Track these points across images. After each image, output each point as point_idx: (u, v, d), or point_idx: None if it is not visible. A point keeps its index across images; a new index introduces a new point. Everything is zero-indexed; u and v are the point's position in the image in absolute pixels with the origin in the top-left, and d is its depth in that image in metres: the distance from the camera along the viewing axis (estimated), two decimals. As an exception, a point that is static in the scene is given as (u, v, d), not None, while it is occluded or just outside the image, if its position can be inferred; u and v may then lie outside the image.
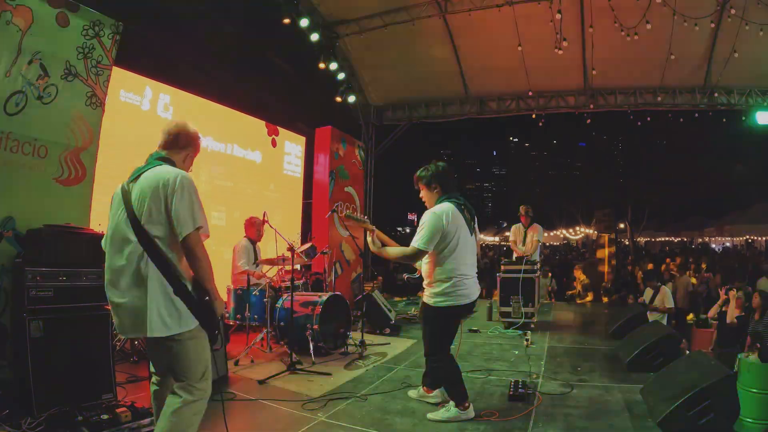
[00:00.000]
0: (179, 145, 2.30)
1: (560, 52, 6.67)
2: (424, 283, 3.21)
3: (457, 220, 3.08)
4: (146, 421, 2.77)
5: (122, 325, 2.12)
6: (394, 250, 3.18)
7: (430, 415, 3.19)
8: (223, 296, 5.04)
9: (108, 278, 2.13)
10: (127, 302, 2.06)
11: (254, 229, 5.30)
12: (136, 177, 2.16)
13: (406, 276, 8.73)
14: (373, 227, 3.21)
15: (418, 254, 3.05)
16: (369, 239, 3.18)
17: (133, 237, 2.07)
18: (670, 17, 6.39)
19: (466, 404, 3.12)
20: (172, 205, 2.05)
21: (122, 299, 2.08)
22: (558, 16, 6.34)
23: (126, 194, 2.14)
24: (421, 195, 3.32)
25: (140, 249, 2.05)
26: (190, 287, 2.09)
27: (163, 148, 2.29)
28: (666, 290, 6.43)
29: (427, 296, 3.16)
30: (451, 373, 3.16)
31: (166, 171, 2.13)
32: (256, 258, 5.22)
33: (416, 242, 3.03)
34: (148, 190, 2.08)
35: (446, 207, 3.10)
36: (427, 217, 3.07)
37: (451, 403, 3.16)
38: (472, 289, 3.14)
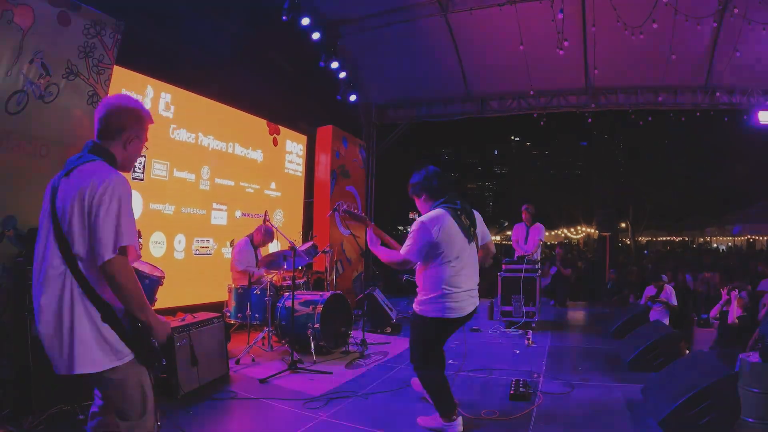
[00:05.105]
0: (111, 129, 1.85)
1: (562, 52, 6.66)
2: (417, 288, 3.06)
3: (451, 228, 2.85)
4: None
5: (53, 359, 1.73)
6: (386, 254, 2.99)
7: (419, 419, 3.09)
8: (225, 295, 5.05)
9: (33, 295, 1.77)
10: (49, 332, 1.71)
11: (261, 236, 5.23)
12: (68, 171, 1.77)
13: (405, 277, 8.73)
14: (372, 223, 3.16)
15: (405, 263, 2.89)
16: (366, 237, 3.09)
17: (56, 250, 1.71)
18: (672, 16, 6.37)
19: (453, 417, 2.89)
20: (96, 220, 1.67)
21: (45, 329, 1.71)
22: (559, 15, 6.34)
23: (54, 194, 1.76)
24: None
25: (62, 266, 1.70)
26: (119, 313, 1.75)
27: (96, 136, 1.87)
28: (671, 288, 6.45)
29: (416, 302, 3.00)
30: (434, 384, 2.96)
31: (93, 173, 1.73)
32: (256, 259, 5.19)
33: (404, 250, 2.87)
34: (70, 197, 1.71)
35: (437, 214, 2.87)
36: (414, 228, 2.88)
37: None
38: (464, 302, 2.89)
